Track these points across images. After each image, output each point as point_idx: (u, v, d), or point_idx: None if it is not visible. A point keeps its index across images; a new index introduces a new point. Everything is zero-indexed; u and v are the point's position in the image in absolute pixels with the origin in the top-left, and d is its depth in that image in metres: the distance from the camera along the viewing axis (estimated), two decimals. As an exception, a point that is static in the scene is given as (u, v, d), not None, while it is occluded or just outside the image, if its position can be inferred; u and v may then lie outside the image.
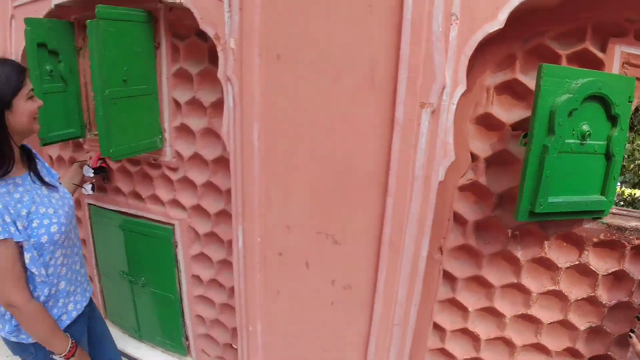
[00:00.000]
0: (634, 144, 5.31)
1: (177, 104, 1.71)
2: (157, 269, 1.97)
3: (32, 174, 1.48)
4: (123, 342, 2.27)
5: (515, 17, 1.20)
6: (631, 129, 5.64)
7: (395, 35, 1.23)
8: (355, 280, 1.44)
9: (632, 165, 5.19)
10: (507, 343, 1.52)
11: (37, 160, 1.58)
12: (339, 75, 1.32)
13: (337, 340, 1.54)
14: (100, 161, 1.90)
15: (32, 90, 1.40)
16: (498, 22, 1.15)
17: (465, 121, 1.36)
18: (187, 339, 2.06)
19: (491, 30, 1.16)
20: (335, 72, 1.32)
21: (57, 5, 1.83)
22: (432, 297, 1.52)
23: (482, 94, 1.34)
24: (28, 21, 1.72)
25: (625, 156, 5.28)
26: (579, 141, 1.21)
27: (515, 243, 1.41)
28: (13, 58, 1.38)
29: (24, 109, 1.36)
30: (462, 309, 1.52)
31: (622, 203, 5.50)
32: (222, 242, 1.77)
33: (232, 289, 1.82)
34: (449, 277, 1.50)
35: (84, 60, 1.98)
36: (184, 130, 1.72)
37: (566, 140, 1.18)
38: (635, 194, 5.44)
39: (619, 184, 6.00)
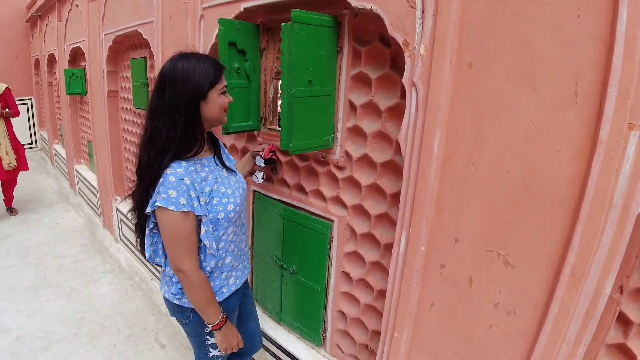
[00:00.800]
0: None
1: (352, 106, 1.78)
2: (309, 260, 2.07)
3: (216, 157, 1.68)
4: (263, 321, 2.44)
5: None
6: None
7: (605, 49, 1.11)
8: (522, 307, 1.34)
9: None
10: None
11: (220, 146, 1.78)
12: (536, 87, 1.24)
13: (489, 365, 1.45)
14: (271, 153, 2.08)
15: (226, 86, 1.59)
16: None
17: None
18: (324, 331, 2.14)
19: None
20: (532, 84, 1.25)
21: (245, 9, 2.03)
22: (601, 339, 1.34)
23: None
24: (222, 21, 1.94)
25: None
26: None
27: None
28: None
29: (217, 101, 1.55)
30: (630, 357, 1.31)
31: None
32: (378, 244, 1.79)
33: (379, 292, 1.84)
34: (623, 320, 1.31)
35: (265, 60, 2.19)
36: (355, 131, 1.79)
37: None
38: None
39: None
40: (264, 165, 2.07)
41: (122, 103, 4.27)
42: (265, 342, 2.43)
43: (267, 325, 2.48)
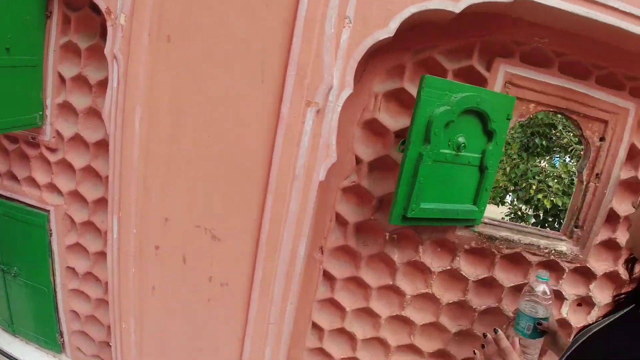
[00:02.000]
0: (528, 164, 5.80)
1: (62, 79, 1.57)
2: (30, 259, 1.79)
3: None
4: (-7, 336, 2.06)
5: (407, 28, 1.22)
6: (527, 150, 6.17)
7: (288, 32, 1.20)
8: (233, 277, 1.40)
9: (524, 184, 5.64)
10: (382, 343, 1.55)
11: None
12: (229, 65, 1.28)
13: (213, 338, 1.49)
14: None
15: None
16: (388, 30, 1.17)
17: (352, 125, 1.37)
18: (61, 335, 1.90)
19: (381, 38, 1.17)
20: (226, 62, 1.28)
21: None
22: (312, 296, 1.52)
23: (371, 99, 1.36)
24: None
25: (520, 174, 5.79)
26: (454, 152, 1.26)
27: (393, 246, 1.45)
28: None
29: None
30: (340, 309, 1.53)
31: (513, 217, 6.03)
32: (99, 232, 1.65)
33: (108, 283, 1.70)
34: (328, 277, 1.51)
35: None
36: (66, 108, 1.59)
37: (441, 150, 1.23)
38: (527, 209, 5.95)
39: (512, 199, 6.56)
40: None
41: None
42: (-2, 359, 2.04)
43: (1, 339, 2.09)
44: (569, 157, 6.12)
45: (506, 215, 5.98)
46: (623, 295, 0.90)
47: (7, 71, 1.46)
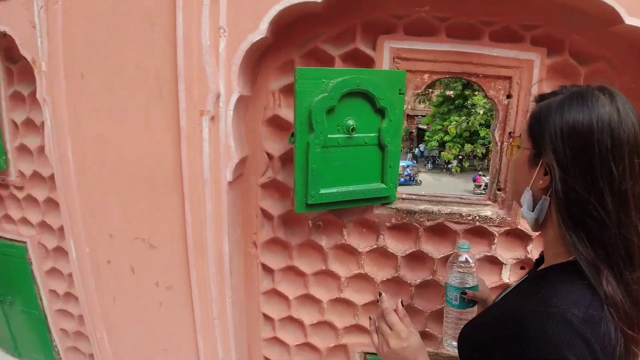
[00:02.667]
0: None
1: (15, 124, 1.77)
2: (19, 287, 2.00)
3: None
4: (6, 361, 2.30)
5: (286, 25, 1.31)
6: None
7: (173, 50, 1.32)
8: (175, 281, 1.52)
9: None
10: (331, 326, 1.62)
11: None
12: (133, 89, 1.40)
13: (171, 339, 1.62)
14: None
15: None
16: (260, 31, 1.25)
17: (257, 124, 1.46)
18: (58, 353, 2.10)
19: (256, 40, 1.26)
20: (129, 87, 1.40)
21: None
22: (256, 289, 1.62)
23: (269, 97, 1.44)
24: None
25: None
26: (346, 135, 1.32)
27: (319, 233, 1.52)
28: None
29: None
30: (284, 298, 1.62)
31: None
32: (67, 255, 1.83)
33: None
34: (268, 270, 1.60)
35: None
36: (23, 149, 1.78)
37: (330, 136, 1.29)
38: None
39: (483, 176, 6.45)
40: None
41: None
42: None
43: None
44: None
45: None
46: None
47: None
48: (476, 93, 16.15)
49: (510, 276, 1.52)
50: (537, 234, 1.45)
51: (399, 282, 1.54)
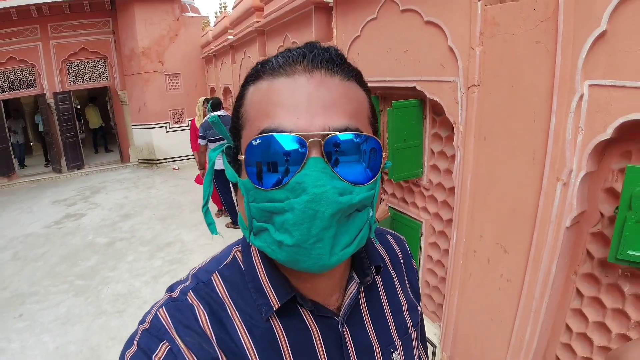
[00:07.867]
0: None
1: (432, 152, 2.94)
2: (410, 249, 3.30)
3: None
4: None
5: (627, 126, 1.81)
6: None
7: (546, 137, 2.05)
8: (513, 276, 2.33)
9: None
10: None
11: None
12: (515, 155, 2.23)
13: (498, 314, 2.46)
14: None
15: None
16: (606, 134, 1.82)
17: (597, 190, 2.02)
18: (423, 292, 3.31)
19: (602, 139, 1.84)
20: (514, 153, 2.24)
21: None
22: (567, 305, 2.22)
23: (609, 174, 1.97)
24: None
25: None
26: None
27: (626, 280, 1.97)
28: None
29: None
30: (584, 317, 2.15)
31: None
32: (447, 237, 2.92)
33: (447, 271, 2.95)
34: (579, 294, 2.17)
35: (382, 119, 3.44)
36: (434, 168, 2.95)
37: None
38: None
39: None
40: None
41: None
42: None
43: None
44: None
45: None
46: None
47: (404, 150, 2.93)
48: None
49: None
50: None
51: None
